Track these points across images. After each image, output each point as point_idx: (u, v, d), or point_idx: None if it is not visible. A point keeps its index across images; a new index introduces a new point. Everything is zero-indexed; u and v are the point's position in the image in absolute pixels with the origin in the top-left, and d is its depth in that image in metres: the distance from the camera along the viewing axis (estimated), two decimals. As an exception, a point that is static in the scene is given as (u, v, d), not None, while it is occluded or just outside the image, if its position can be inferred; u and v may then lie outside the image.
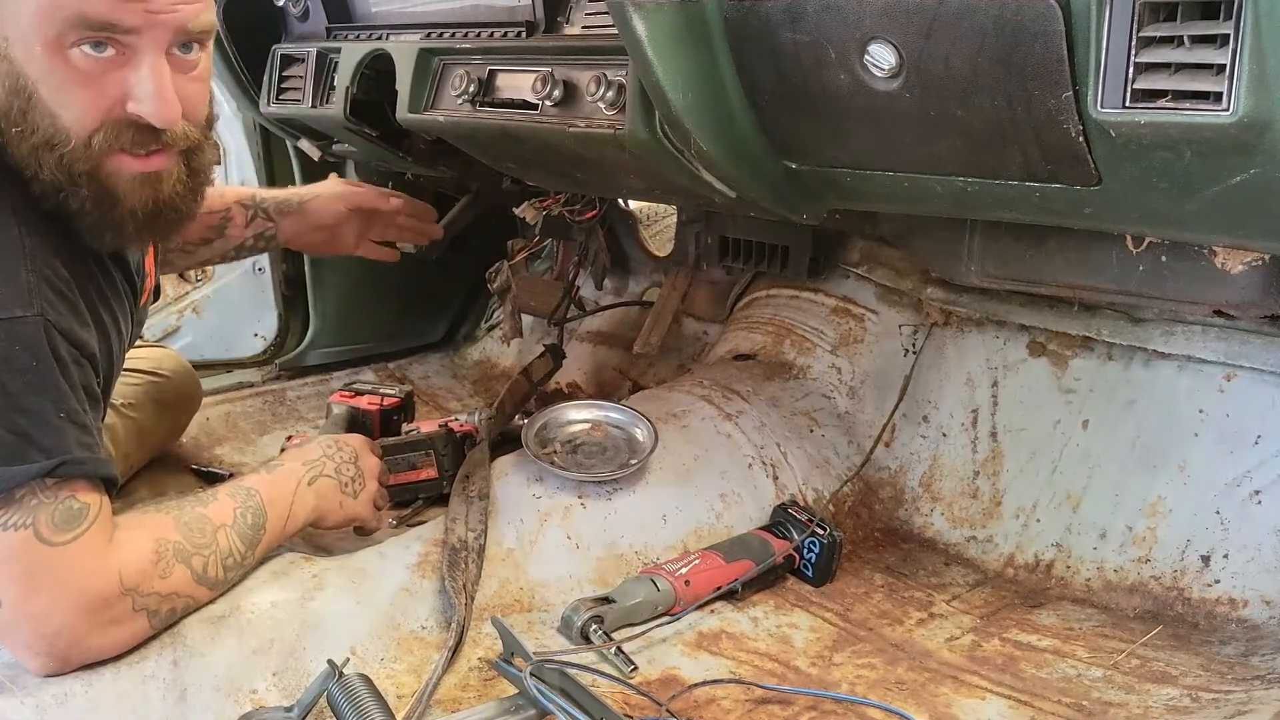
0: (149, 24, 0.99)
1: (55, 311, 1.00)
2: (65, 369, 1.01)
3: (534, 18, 1.34)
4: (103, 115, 1.01)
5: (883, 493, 1.62)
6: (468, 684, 1.13)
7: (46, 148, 1.00)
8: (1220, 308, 1.30)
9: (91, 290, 1.09)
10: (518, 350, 2.28)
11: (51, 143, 1.00)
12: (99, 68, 0.99)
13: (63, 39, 0.97)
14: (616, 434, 1.48)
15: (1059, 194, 0.98)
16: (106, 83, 1.00)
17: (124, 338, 1.19)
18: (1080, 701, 1.13)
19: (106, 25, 0.97)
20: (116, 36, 0.98)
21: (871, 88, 0.98)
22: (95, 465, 1.01)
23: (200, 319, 2.10)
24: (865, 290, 1.75)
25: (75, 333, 1.03)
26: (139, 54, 1.00)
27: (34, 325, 0.98)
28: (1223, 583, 1.30)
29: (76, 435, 1.00)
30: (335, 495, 1.27)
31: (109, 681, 1.01)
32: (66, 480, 0.98)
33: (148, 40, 1.00)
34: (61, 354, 1.00)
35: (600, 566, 1.34)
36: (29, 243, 1.01)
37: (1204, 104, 0.77)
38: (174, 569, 1.05)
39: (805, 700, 1.14)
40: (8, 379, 0.96)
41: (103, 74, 0.99)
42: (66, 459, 0.98)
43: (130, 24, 0.98)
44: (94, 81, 0.99)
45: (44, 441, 0.97)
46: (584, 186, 1.72)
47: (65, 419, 0.99)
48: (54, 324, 1.00)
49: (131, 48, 1.00)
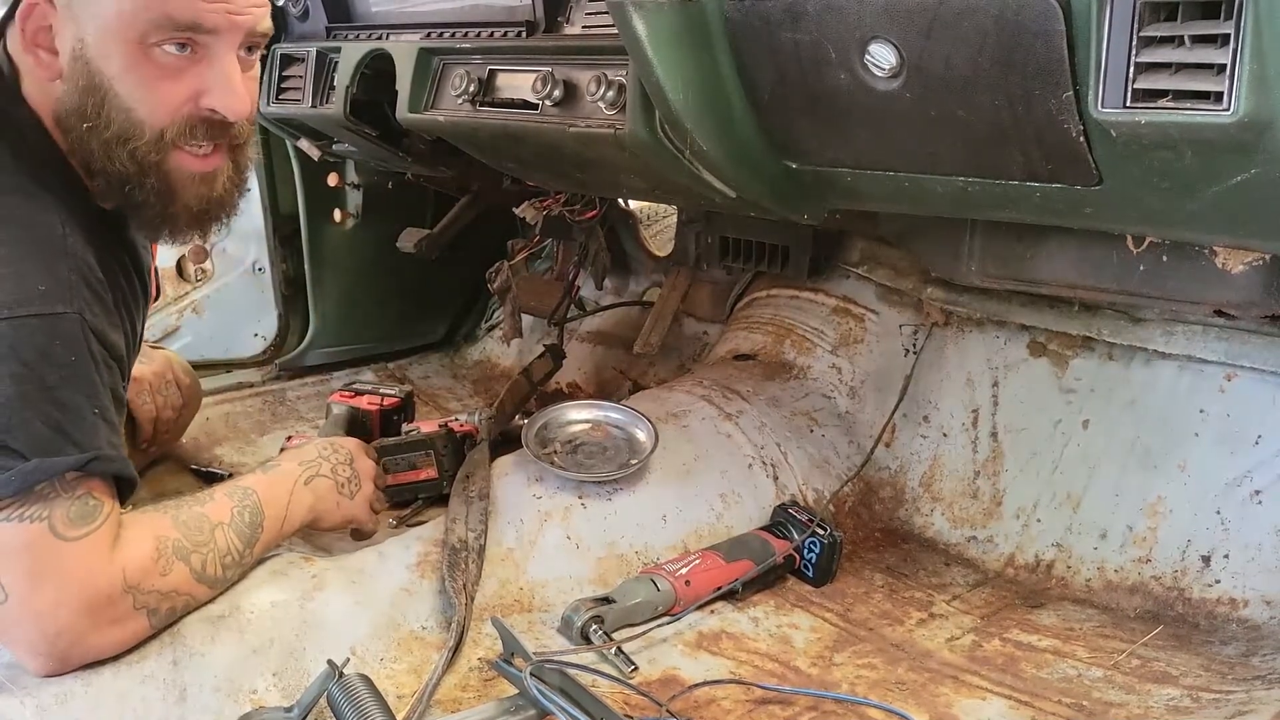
0: (229, 26, 1.06)
1: (91, 312, 1.03)
2: (99, 368, 1.03)
3: (534, 17, 1.34)
4: (176, 110, 1.07)
5: (883, 493, 1.62)
6: (468, 684, 1.13)
7: (119, 141, 1.06)
8: (1220, 308, 1.30)
9: (119, 294, 1.12)
10: (518, 350, 2.27)
11: (125, 136, 1.06)
12: (179, 65, 1.06)
13: (146, 39, 1.04)
14: (617, 434, 1.48)
15: (1059, 194, 0.98)
16: (184, 80, 1.07)
17: (136, 343, 1.21)
18: (1080, 701, 1.13)
19: (191, 26, 1.04)
20: (197, 37, 1.05)
21: (872, 87, 0.97)
22: (122, 465, 1.04)
23: (200, 319, 2.10)
24: (865, 290, 1.75)
25: (107, 334, 1.06)
26: (214, 53, 1.07)
27: (73, 322, 1.01)
28: (1223, 583, 1.30)
29: (107, 433, 1.02)
30: (332, 495, 1.27)
31: (109, 681, 1.01)
32: (86, 477, 0.99)
33: (224, 41, 1.07)
34: (95, 353, 1.03)
35: (600, 566, 1.34)
36: (71, 241, 1.04)
37: (1204, 104, 0.77)
38: (174, 566, 1.05)
39: (805, 700, 1.14)
40: (46, 372, 0.97)
41: (182, 71, 1.06)
42: (99, 454, 1.00)
43: (212, 25, 1.05)
44: (173, 78, 1.06)
45: (78, 436, 0.98)
46: (584, 186, 1.72)
47: (98, 415, 1.01)
48: (90, 324, 1.02)
49: (207, 47, 1.07)
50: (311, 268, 2.15)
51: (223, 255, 2.10)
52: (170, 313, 2.07)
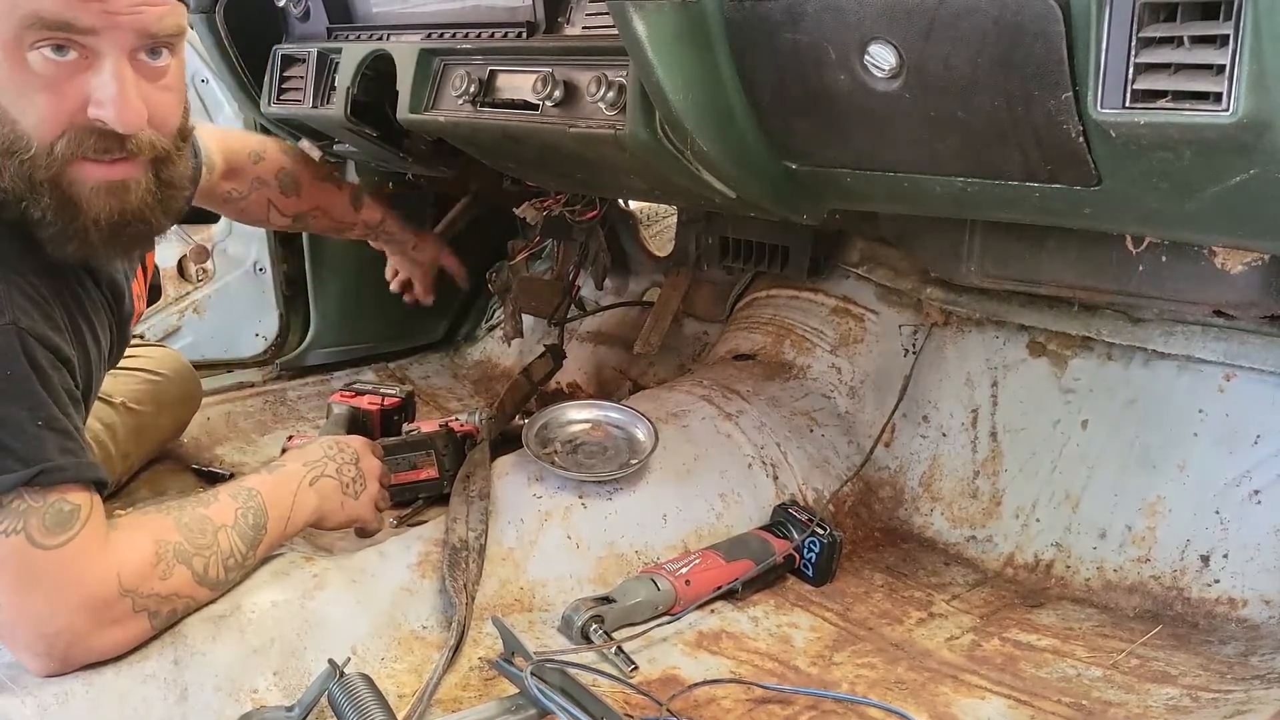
0: (108, 25, 0.96)
1: (29, 318, 0.99)
2: (43, 375, 0.99)
3: (534, 18, 1.34)
4: (65, 121, 0.97)
5: (882, 492, 1.62)
6: (468, 683, 1.13)
7: (7, 155, 0.97)
8: (1220, 308, 1.30)
9: (68, 299, 1.08)
10: (518, 350, 2.28)
11: (11, 150, 0.97)
12: (60, 71, 0.96)
13: (21, 41, 0.94)
14: (617, 434, 1.48)
15: (1059, 194, 0.98)
16: (68, 87, 0.96)
17: (104, 352, 1.17)
18: (1080, 701, 1.14)
19: (63, 25, 0.94)
20: (76, 38, 0.95)
21: (871, 88, 0.98)
22: (78, 470, 1.00)
23: (201, 319, 2.10)
24: (865, 290, 1.75)
25: (50, 338, 1.01)
26: (101, 57, 0.97)
27: (5, 333, 0.97)
28: (1222, 582, 1.30)
29: (57, 442, 0.99)
30: (336, 496, 1.27)
31: (110, 681, 1.01)
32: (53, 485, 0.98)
33: (109, 43, 0.96)
34: (39, 360, 0.99)
35: (600, 566, 1.35)
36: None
37: (1204, 104, 0.77)
38: (174, 570, 1.05)
39: (805, 700, 1.14)
40: None
41: (64, 78, 0.96)
42: (46, 467, 0.96)
43: (87, 24, 0.94)
44: (55, 86, 0.96)
45: (21, 451, 0.96)
46: (584, 187, 1.72)
47: (43, 427, 0.98)
48: (28, 330, 0.98)
49: (93, 51, 0.96)
50: (312, 268, 2.15)
51: (224, 255, 2.10)
52: (171, 313, 2.07)
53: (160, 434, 1.70)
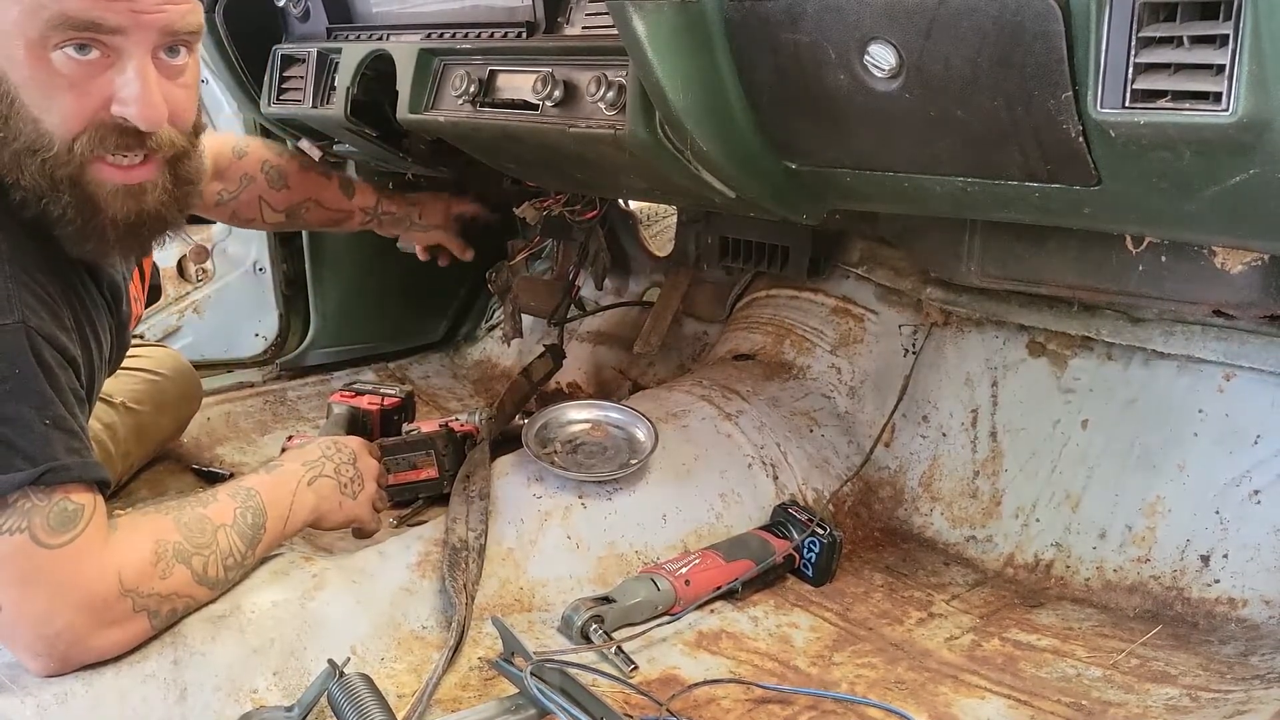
0: (134, 24, 0.97)
1: (37, 317, 1.00)
2: (50, 374, 1.00)
3: (534, 18, 1.34)
4: (87, 119, 0.99)
5: (882, 492, 1.62)
6: (468, 683, 1.13)
7: (29, 153, 0.98)
8: (1220, 308, 1.30)
9: (74, 300, 1.09)
10: (518, 350, 2.28)
11: (34, 148, 0.98)
12: (83, 70, 0.97)
13: (46, 40, 0.95)
14: (616, 434, 1.48)
15: (1059, 194, 0.98)
16: (91, 86, 0.98)
17: (104, 354, 1.18)
18: (1080, 701, 1.14)
19: (90, 25, 0.95)
20: (101, 38, 0.96)
21: (871, 88, 0.98)
22: (83, 469, 1.01)
23: (201, 319, 2.10)
24: (865, 290, 1.75)
25: (57, 337, 1.02)
26: (124, 56, 0.98)
27: (14, 332, 0.97)
28: (1222, 582, 1.30)
29: (63, 441, 0.99)
30: (335, 496, 1.27)
31: (110, 681, 1.01)
32: (59, 484, 0.98)
33: (133, 42, 0.98)
34: (46, 359, 0.99)
35: (600, 566, 1.35)
36: (6, 248, 1.00)
37: (1203, 104, 0.77)
38: (174, 569, 1.05)
39: (805, 700, 1.14)
40: None
41: (87, 77, 0.98)
42: (53, 465, 0.97)
43: (114, 24, 0.96)
44: (78, 84, 0.97)
45: (28, 449, 0.96)
46: (584, 186, 1.72)
47: (50, 425, 0.98)
48: (36, 329, 0.99)
49: (117, 50, 0.98)
50: (312, 268, 2.15)
51: (223, 255, 2.10)
52: (171, 313, 2.07)
53: (160, 434, 1.71)
